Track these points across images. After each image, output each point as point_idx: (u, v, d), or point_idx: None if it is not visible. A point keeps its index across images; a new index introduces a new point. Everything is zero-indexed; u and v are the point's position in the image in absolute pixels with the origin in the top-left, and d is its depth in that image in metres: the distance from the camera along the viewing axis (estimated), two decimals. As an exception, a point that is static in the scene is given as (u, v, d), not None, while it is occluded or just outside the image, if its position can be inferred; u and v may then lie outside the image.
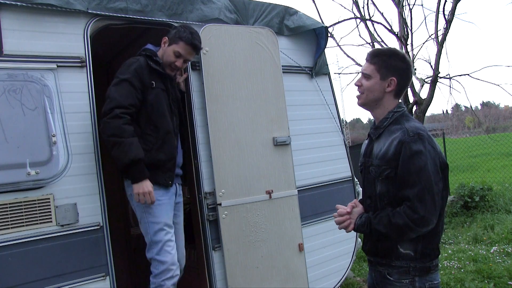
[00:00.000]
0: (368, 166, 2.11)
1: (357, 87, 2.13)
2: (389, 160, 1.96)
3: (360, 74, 2.15)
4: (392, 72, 2.06)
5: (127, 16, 3.04)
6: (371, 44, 11.04)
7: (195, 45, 2.87)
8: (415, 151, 1.91)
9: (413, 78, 10.65)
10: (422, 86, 10.61)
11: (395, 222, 1.91)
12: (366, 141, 2.28)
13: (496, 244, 5.98)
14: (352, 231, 2.14)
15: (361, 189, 2.41)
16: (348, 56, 11.42)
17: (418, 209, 1.87)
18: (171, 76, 2.96)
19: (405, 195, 1.91)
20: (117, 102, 2.64)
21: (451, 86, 11.01)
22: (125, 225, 5.42)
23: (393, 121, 2.06)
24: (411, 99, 10.59)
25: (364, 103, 2.12)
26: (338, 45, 11.41)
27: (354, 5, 10.96)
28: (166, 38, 2.89)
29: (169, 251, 2.77)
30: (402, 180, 1.92)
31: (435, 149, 1.97)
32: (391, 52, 2.15)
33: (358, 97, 2.13)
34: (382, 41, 11.07)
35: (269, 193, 3.53)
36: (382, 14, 12.26)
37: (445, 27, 10.19)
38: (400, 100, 2.15)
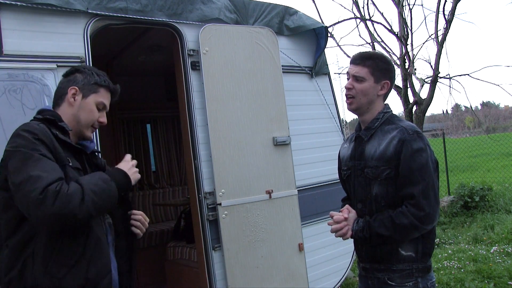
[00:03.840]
0: (359, 168, 2.06)
1: (346, 90, 2.06)
2: (388, 160, 1.94)
3: (349, 77, 2.07)
4: (385, 76, 2.06)
5: (127, 16, 3.04)
6: (371, 44, 11.04)
7: (115, 91, 2.00)
8: (416, 149, 1.91)
9: (413, 78, 10.66)
10: (422, 86, 10.61)
11: (400, 222, 1.88)
12: (347, 145, 2.23)
13: (496, 244, 5.98)
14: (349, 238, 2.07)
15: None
16: (348, 56, 11.43)
17: (424, 206, 1.86)
18: (88, 146, 1.94)
19: (409, 193, 1.89)
20: (45, 179, 1.56)
21: (451, 86, 11.07)
22: (125, 225, 5.42)
23: (384, 121, 2.04)
24: (411, 99, 10.60)
25: (357, 108, 2.06)
26: (338, 45, 11.44)
27: (354, 5, 10.97)
28: (76, 88, 1.87)
29: None
30: (404, 179, 1.91)
31: (430, 146, 1.98)
32: (381, 55, 2.14)
33: (350, 102, 2.06)
34: (382, 41, 11.09)
35: (269, 193, 3.53)
36: (382, 14, 12.31)
37: (445, 27, 10.20)
38: (386, 102, 2.15)
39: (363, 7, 11.32)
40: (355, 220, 2.04)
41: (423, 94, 10.45)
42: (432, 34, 10.60)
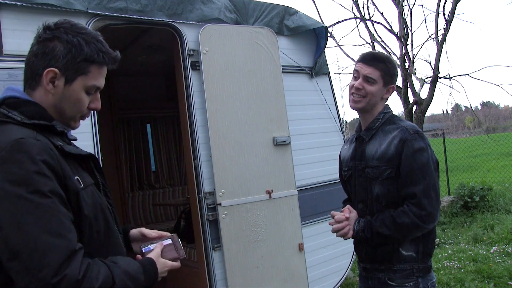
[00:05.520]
0: (360, 168, 2.07)
1: (355, 89, 2.03)
2: (389, 160, 1.95)
3: (359, 76, 2.04)
4: (392, 80, 2.07)
5: (127, 16, 3.04)
6: (371, 44, 11.04)
7: (114, 62, 1.40)
8: (417, 149, 1.92)
9: (413, 78, 10.66)
10: (422, 86, 10.61)
11: (401, 221, 1.89)
12: (347, 146, 2.23)
13: (496, 244, 5.98)
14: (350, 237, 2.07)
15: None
16: (348, 56, 11.42)
17: (425, 205, 1.87)
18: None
19: (410, 193, 1.90)
20: (58, 250, 1.13)
21: (451, 86, 11.06)
22: (125, 225, 5.42)
23: (385, 121, 2.05)
24: (411, 99, 10.60)
25: (363, 108, 2.05)
26: (338, 45, 11.42)
27: (354, 5, 10.96)
28: (55, 70, 1.29)
29: None
30: (405, 178, 1.91)
31: (430, 146, 1.99)
32: (391, 59, 2.14)
33: (357, 100, 2.03)
34: (382, 41, 11.08)
35: (269, 193, 3.53)
36: (382, 14, 12.29)
37: (445, 27, 10.19)
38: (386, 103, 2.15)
39: (363, 7, 11.31)
40: (356, 220, 2.04)
41: (423, 94, 10.45)
42: (432, 34, 10.61)
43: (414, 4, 16.15)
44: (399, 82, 10.59)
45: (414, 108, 10.43)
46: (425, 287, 1.98)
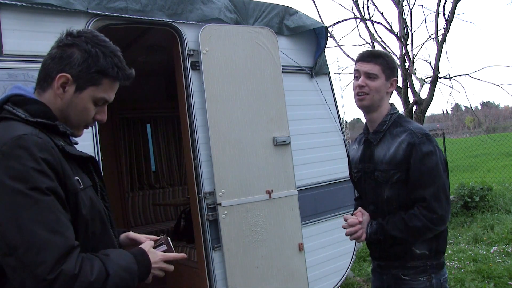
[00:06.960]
0: (370, 171, 2.08)
1: (358, 88, 2.05)
2: (398, 164, 1.96)
3: (360, 75, 2.05)
4: (393, 73, 2.09)
5: (127, 16, 3.04)
6: (371, 44, 11.03)
7: (127, 79, 1.48)
8: (426, 152, 1.93)
9: (413, 78, 10.66)
10: (422, 86, 10.60)
11: (413, 225, 1.92)
12: (356, 146, 2.24)
13: (496, 244, 5.98)
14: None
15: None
16: (348, 56, 11.40)
17: (436, 208, 1.90)
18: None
19: (420, 196, 1.92)
20: (55, 246, 1.13)
21: (451, 86, 11.03)
22: (125, 225, 5.43)
23: (392, 124, 2.05)
24: (411, 99, 10.60)
25: (370, 104, 2.05)
26: (338, 45, 11.41)
27: (354, 5, 10.95)
28: (67, 76, 1.32)
29: None
30: (415, 182, 1.93)
31: (438, 147, 2.01)
32: (387, 53, 2.17)
33: (361, 98, 2.04)
34: (382, 41, 11.08)
35: (269, 193, 3.53)
36: (382, 14, 12.25)
37: (445, 27, 10.19)
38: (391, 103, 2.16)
39: (363, 7, 11.29)
40: (368, 222, 2.07)
41: (423, 94, 10.44)
42: (432, 34, 10.59)
43: (414, 4, 16.11)
44: (399, 82, 10.60)
45: (414, 108, 10.42)
46: (438, 282, 2.02)
